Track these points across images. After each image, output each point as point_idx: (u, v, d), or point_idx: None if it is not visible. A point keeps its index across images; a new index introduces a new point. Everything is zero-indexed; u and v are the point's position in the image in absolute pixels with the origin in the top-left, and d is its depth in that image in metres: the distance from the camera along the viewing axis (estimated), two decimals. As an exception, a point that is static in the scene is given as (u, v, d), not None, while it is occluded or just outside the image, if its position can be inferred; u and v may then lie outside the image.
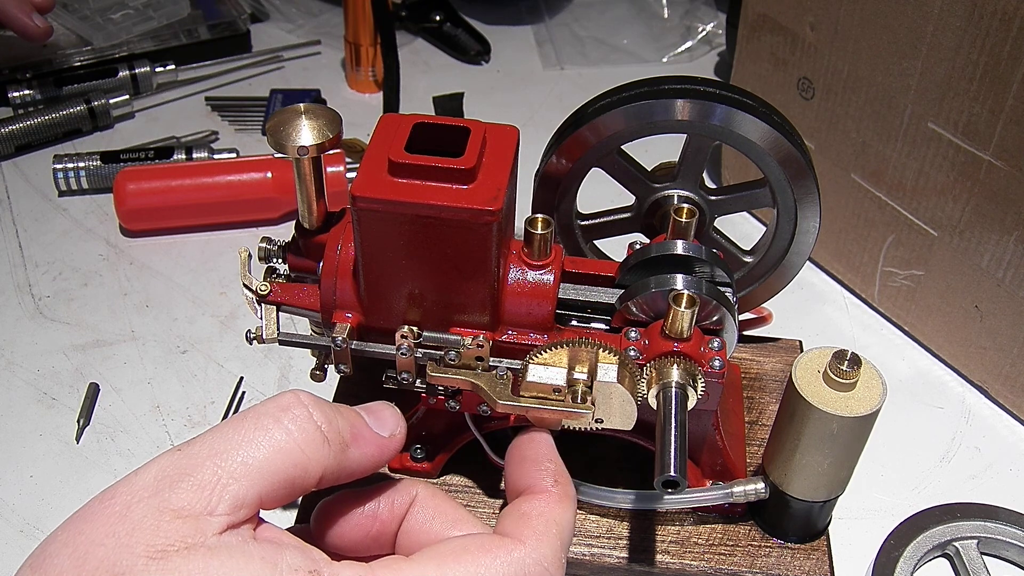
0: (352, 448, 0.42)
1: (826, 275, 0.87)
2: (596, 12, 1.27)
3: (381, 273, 0.54)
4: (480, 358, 0.55)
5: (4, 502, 0.68)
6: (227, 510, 0.37)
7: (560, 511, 0.45)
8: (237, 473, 0.38)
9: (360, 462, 0.43)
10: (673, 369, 0.54)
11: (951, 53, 0.68)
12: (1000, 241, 0.70)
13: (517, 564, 0.41)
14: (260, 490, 0.38)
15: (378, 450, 0.44)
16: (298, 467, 0.39)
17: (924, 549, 0.64)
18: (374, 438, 0.44)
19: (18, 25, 0.94)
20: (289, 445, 0.39)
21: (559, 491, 0.46)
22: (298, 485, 0.40)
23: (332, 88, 1.11)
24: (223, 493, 0.37)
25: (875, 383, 0.55)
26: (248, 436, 0.39)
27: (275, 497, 0.39)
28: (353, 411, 0.44)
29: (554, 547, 0.43)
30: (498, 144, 0.53)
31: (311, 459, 0.40)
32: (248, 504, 0.38)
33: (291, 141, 0.53)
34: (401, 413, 0.46)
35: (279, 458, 0.39)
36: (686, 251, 0.57)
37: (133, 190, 0.88)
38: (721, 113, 0.61)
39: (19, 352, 0.79)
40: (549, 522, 0.44)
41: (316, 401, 0.42)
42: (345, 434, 0.42)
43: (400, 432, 0.45)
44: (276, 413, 0.40)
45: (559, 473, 0.47)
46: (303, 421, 0.40)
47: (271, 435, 0.39)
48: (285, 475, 0.39)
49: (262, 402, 0.41)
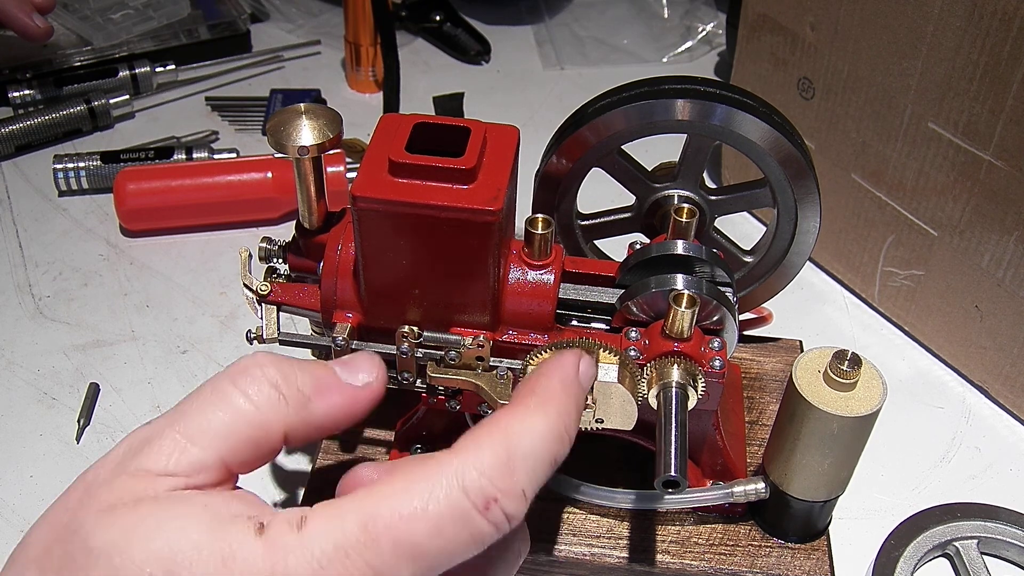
0: (316, 401, 0.41)
1: (826, 275, 0.87)
2: (596, 12, 1.26)
3: (381, 273, 0.54)
4: (480, 358, 0.55)
5: (4, 502, 0.68)
6: (184, 472, 0.38)
7: (518, 421, 0.39)
8: (195, 437, 0.38)
9: (329, 414, 0.41)
10: (673, 369, 0.54)
11: (951, 53, 0.68)
12: (1000, 241, 0.70)
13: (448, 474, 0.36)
14: (220, 452, 0.38)
15: (348, 400, 0.42)
16: (256, 427, 0.39)
17: (924, 549, 0.64)
18: (342, 388, 0.42)
19: (18, 25, 0.94)
20: (245, 406, 0.39)
21: (531, 402, 0.40)
22: (263, 445, 0.40)
23: (332, 88, 1.11)
24: (180, 456, 0.38)
25: (875, 383, 0.55)
26: (206, 401, 0.39)
27: (241, 459, 0.39)
28: (322, 365, 0.43)
29: (496, 454, 0.37)
30: (498, 144, 0.53)
31: (269, 418, 0.40)
32: (209, 467, 0.38)
33: (291, 141, 0.53)
34: (381, 361, 0.44)
35: (236, 420, 0.39)
36: (686, 251, 0.57)
37: (133, 190, 0.88)
38: (721, 113, 0.61)
39: (19, 352, 0.79)
40: (497, 429, 0.38)
41: (274, 360, 0.41)
42: (306, 388, 0.41)
43: (377, 380, 0.43)
44: (234, 377, 0.40)
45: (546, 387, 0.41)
46: (259, 382, 0.40)
47: (228, 399, 0.39)
48: (244, 436, 0.39)
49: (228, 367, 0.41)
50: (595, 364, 0.47)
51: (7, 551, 0.68)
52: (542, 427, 0.39)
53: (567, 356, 0.44)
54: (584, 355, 0.45)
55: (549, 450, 0.39)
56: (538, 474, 0.39)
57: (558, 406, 0.41)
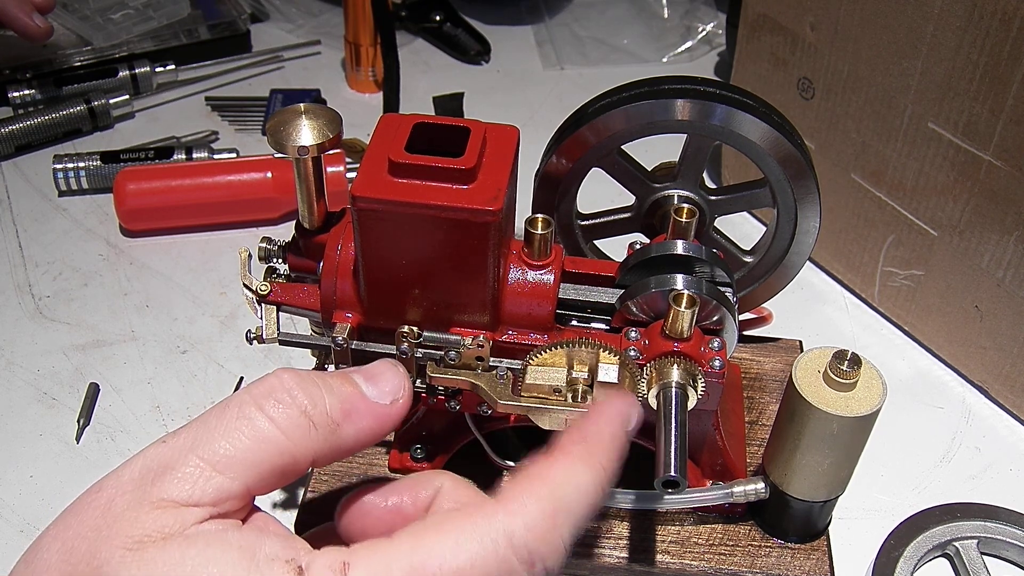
0: (344, 426, 0.40)
1: (826, 275, 0.87)
2: (596, 12, 1.26)
3: (381, 273, 0.54)
4: (480, 358, 0.55)
5: (4, 502, 0.68)
6: (211, 501, 0.36)
7: (564, 471, 0.39)
8: (220, 465, 0.37)
9: (356, 437, 0.40)
10: (673, 369, 0.54)
11: (951, 53, 0.68)
12: (1000, 241, 0.70)
13: (496, 528, 0.37)
14: (246, 481, 0.37)
15: (376, 421, 0.41)
16: (285, 455, 0.38)
17: (924, 549, 0.64)
18: (370, 409, 0.41)
19: (18, 25, 0.94)
20: (273, 434, 0.38)
21: (578, 451, 0.40)
22: (288, 472, 0.38)
23: (332, 88, 1.11)
24: (206, 486, 0.36)
25: (875, 383, 0.55)
26: (231, 426, 0.37)
27: (264, 486, 0.38)
28: (347, 380, 0.41)
29: (543, 509, 0.37)
30: (498, 144, 0.53)
31: (298, 445, 0.38)
32: (235, 496, 0.37)
33: (291, 141, 0.53)
34: (405, 371, 0.42)
35: (264, 448, 0.37)
36: (686, 251, 0.57)
37: (133, 190, 0.88)
38: (721, 113, 0.61)
39: (19, 352, 0.79)
40: (545, 482, 0.38)
41: (301, 381, 0.39)
42: (335, 413, 0.39)
43: (403, 397, 0.42)
44: (259, 399, 0.38)
45: (593, 435, 0.41)
46: (286, 407, 0.38)
47: (254, 424, 0.38)
48: (271, 464, 0.38)
49: (247, 386, 0.39)
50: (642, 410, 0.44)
51: (7, 551, 0.69)
52: (587, 481, 0.39)
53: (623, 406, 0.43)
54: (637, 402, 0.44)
55: (592, 503, 0.39)
56: (579, 527, 0.39)
57: (604, 458, 0.40)
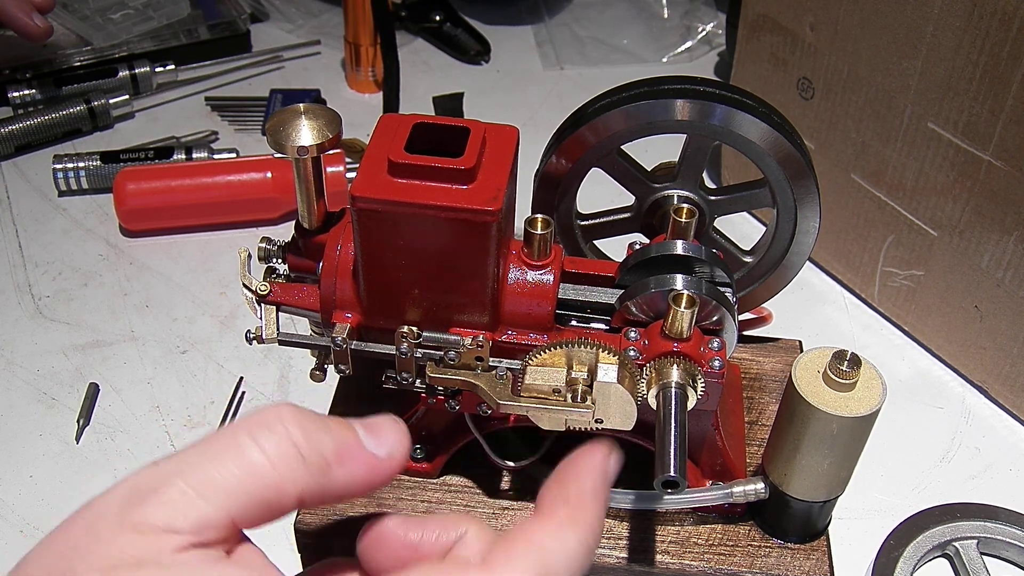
0: (336, 469, 0.39)
1: (826, 275, 0.87)
2: (596, 12, 1.26)
3: (381, 273, 0.54)
4: (480, 358, 0.55)
5: (4, 502, 0.68)
6: (191, 529, 0.35)
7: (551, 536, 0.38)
8: (205, 492, 0.36)
9: (347, 483, 0.39)
10: (673, 369, 0.54)
11: (951, 53, 0.68)
12: (1000, 241, 0.70)
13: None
14: (230, 510, 0.36)
15: (369, 472, 0.40)
16: (271, 489, 0.37)
17: (924, 549, 0.64)
18: (365, 458, 0.40)
19: (18, 25, 0.94)
20: (262, 466, 0.37)
21: (564, 514, 0.39)
22: (274, 507, 0.37)
23: (332, 88, 1.11)
24: (188, 511, 0.35)
25: (875, 383, 0.55)
26: (221, 453, 0.37)
27: (249, 518, 0.37)
28: (346, 426, 0.40)
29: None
30: (498, 144, 0.53)
31: (285, 480, 0.37)
32: (217, 525, 0.36)
33: (291, 141, 0.53)
34: (406, 430, 0.42)
35: (250, 479, 0.36)
36: (686, 251, 0.57)
37: (133, 190, 0.88)
38: (721, 113, 0.61)
39: (19, 352, 0.79)
40: (530, 547, 0.38)
41: (298, 417, 0.38)
42: (328, 453, 0.38)
43: (400, 453, 0.41)
44: (253, 430, 0.37)
45: (579, 496, 0.40)
46: (279, 439, 0.37)
47: (244, 453, 0.37)
48: (257, 496, 0.37)
49: (246, 415, 0.39)
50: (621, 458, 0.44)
51: (7, 551, 0.69)
52: (575, 544, 0.38)
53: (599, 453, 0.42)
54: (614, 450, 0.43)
55: (580, 565, 0.39)
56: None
57: (589, 518, 0.40)
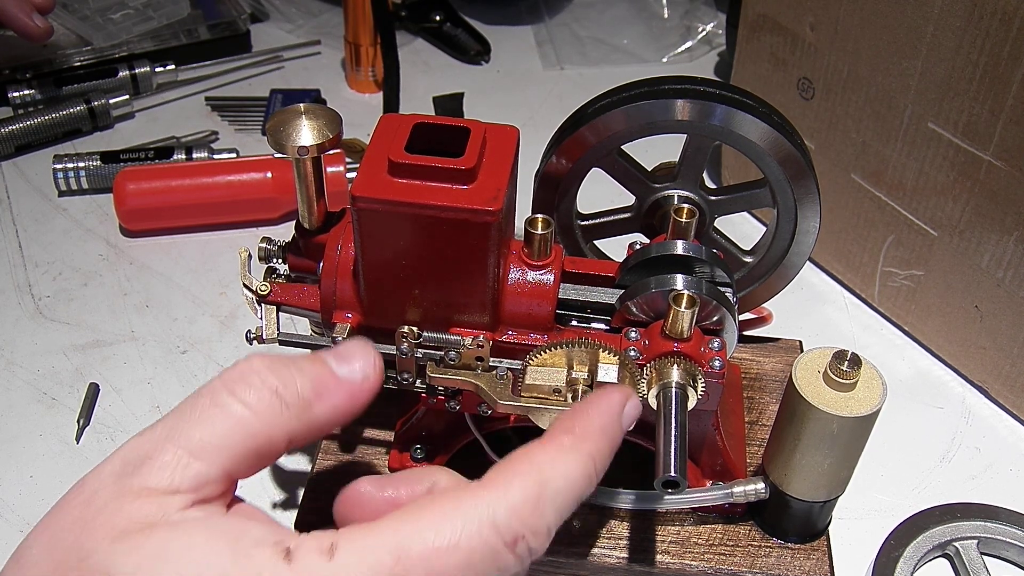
0: (317, 404, 0.40)
1: (826, 275, 0.87)
2: (596, 12, 1.26)
3: (381, 273, 0.54)
4: (480, 358, 0.55)
5: (4, 502, 0.68)
6: (191, 488, 0.37)
7: (552, 459, 0.39)
8: (197, 451, 0.37)
9: (330, 415, 0.41)
10: (673, 369, 0.54)
11: (951, 53, 0.68)
12: (1000, 241, 0.70)
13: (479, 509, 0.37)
14: (224, 465, 0.38)
15: (349, 398, 0.41)
16: (259, 437, 0.38)
17: (924, 549, 0.64)
18: (341, 386, 0.41)
19: (18, 25, 0.94)
20: (246, 417, 0.38)
21: (566, 441, 0.40)
22: (264, 454, 0.39)
23: (332, 88, 1.11)
24: (185, 472, 0.37)
25: (875, 383, 0.55)
26: (205, 413, 0.38)
27: (243, 468, 0.39)
28: (317, 360, 0.41)
29: (527, 492, 0.38)
30: (498, 144, 0.53)
31: (272, 427, 0.39)
32: (213, 481, 0.37)
33: (291, 141, 0.53)
34: (374, 348, 0.43)
35: (238, 431, 0.38)
36: (686, 251, 0.57)
37: (133, 190, 0.88)
38: (721, 113, 0.61)
39: (19, 352, 0.79)
40: (532, 467, 0.39)
41: (272, 364, 0.40)
42: (306, 393, 0.40)
43: (374, 371, 0.42)
44: (231, 385, 0.39)
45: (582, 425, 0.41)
46: (257, 390, 0.39)
47: (228, 409, 0.38)
48: (248, 447, 0.38)
49: (219, 374, 0.40)
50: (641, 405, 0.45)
51: (7, 551, 0.68)
52: (574, 469, 0.40)
53: (615, 395, 0.43)
54: (634, 396, 0.44)
55: (578, 490, 0.40)
56: (564, 512, 0.39)
57: (592, 448, 0.41)
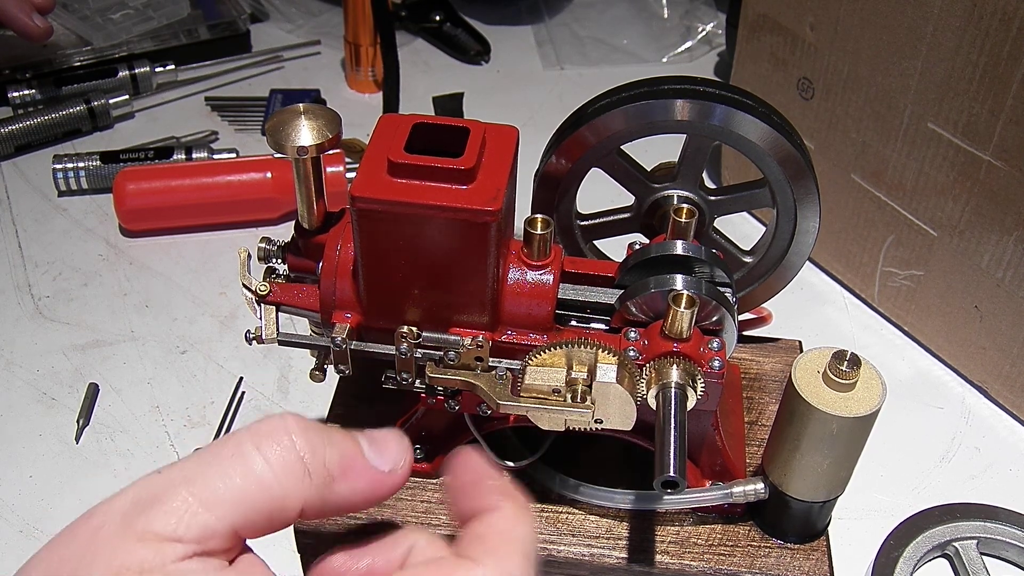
0: (339, 482, 0.39)
1: (826, 275, 0.87)
2: (596, 12, 1.26)
3: (380, 273, 0.54)
4: (479, 358, 0.55)
5: (4, 502, 0.68)
6: (194, 538, 0.36)
7: (516, 525, 0.41)
8: (209, 502, 0.36)
9: (349, 497, 0.40)
10: (672, 369, 0.54)
11: (951, 53, 0.68)
12: (1000, 241, 0.70)
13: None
14: (233, 521, 0.37)
15: (371, 485, 0.41)
16: (275, 500, 0.37)
17: (924, 549, 0.64)
18: (368, 472, 0.40)
19: (18, 25, 0.94)
20: (266, 477, 0.37)
21: (511, 506, 0.42)
22: (276, 518, 0.38)
23: (332, 88, 1.11)
24: (191, 521, 0.36)
25: (875, 383, 0.55)
26: (225, 463, 0.37)
27: (251, 528, 0.37)
28: (350, 439, 0.41)
29: (516, 563, 0.39)
30: (498, 144, 0.53)
31: (289, 492, 0.38)
32: (220, 535, 0.36)
33: (290, 141, 0.53)
34: (410, 444, 0.43)
35: (254, 489, 0.37)
36: (686, 251, 0.57)
37: (133, 190, 0.88)
38: (721, 113, 0.61)
39: (19, 352, 0.79)
40: (507, 538, 0.40)
41: (303, 428, 0.39)
42: (332, 467, 0.39)
43: (403, 468, 0.42)
44: (258, 440, 0.38)
45: (506, 488, 0.43)
46: (284, 451, 0.38)
47: (249, 464, 0.37)
48: (260, 507, 0.37)
49: (250, 424, 0.39)
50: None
51: (7, 551, 0.69)
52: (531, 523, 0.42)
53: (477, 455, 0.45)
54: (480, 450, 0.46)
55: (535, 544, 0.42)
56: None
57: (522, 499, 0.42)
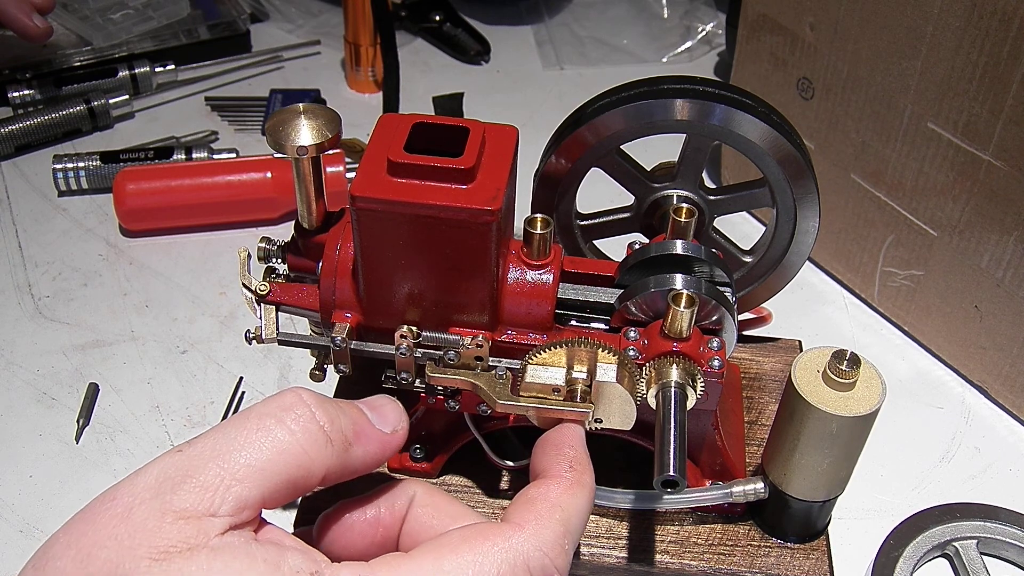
0: (355, 447, 0.42)
1: (826, 275, 0.87)
2: (596, 12, 1.26)
3: (380, 273, 0.54)
4: (479, 358, 0.55)
5: (4, 502, 0.68)
6: (230, 511, 0.37)
7: (567, 496, 0.44)
8: (240, 475, 0.38)
9: (363, 460, 0.43)
10: (672, 369, 0.54)
11: (951, 53, 0.68)
12: (1000, 241, 0.70)
13: (515, 550, 0.40)
14: (263, 491, 0.38)
15: (381, 447, 0.44)
16: (301, 468, 0.39)
17: (924, 549, 0.64)
18: (377, 435, 0.43)
19: (18, 25, 0.94)
20: (292, 446, 0.39)
21: (571, 477, 0.45)
22: (300, 485, 0.40)
23: (332, 88, 1.11)
24: (226, 495, 0.37)
25: (875, 383, 0.55)
26: (251, 437, 0.39)
27: (277, 497, 0.39)
28: (355, 407, 0.44)
29: (555, 532, 0.42)
30: (497, 144, 0.53)
31: (314, 460, 0.40)
32: (251, 505, 0.38)
33: (290, 141, 0.53)
34: (403, 407, 0.46)
35: (282, 459, 0.39)
36: (685, 251, 0.57)
37: (133, 190, 0.88)
38: (720, 113, 0.61)
39: (19, 352, 0.79)
40: (553, 507, 0.43)
41: (319, 399, 0.41)
42: (348, 433, 0.42)
43: (403, 428, 0.45)
44: (279, 413, 0.40)
45: (577, 460, 0.46)
46: (306, 421, 0.40)
47: (274, 436, 0.39)
48: (288, 476, 0.39)
49: (264, 400, 0.41)
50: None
51: (7, 551, 0.69)
52: (584, 503, 0.44)
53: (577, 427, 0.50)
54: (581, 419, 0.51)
55: (587, 520, 0.45)
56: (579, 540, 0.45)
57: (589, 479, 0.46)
